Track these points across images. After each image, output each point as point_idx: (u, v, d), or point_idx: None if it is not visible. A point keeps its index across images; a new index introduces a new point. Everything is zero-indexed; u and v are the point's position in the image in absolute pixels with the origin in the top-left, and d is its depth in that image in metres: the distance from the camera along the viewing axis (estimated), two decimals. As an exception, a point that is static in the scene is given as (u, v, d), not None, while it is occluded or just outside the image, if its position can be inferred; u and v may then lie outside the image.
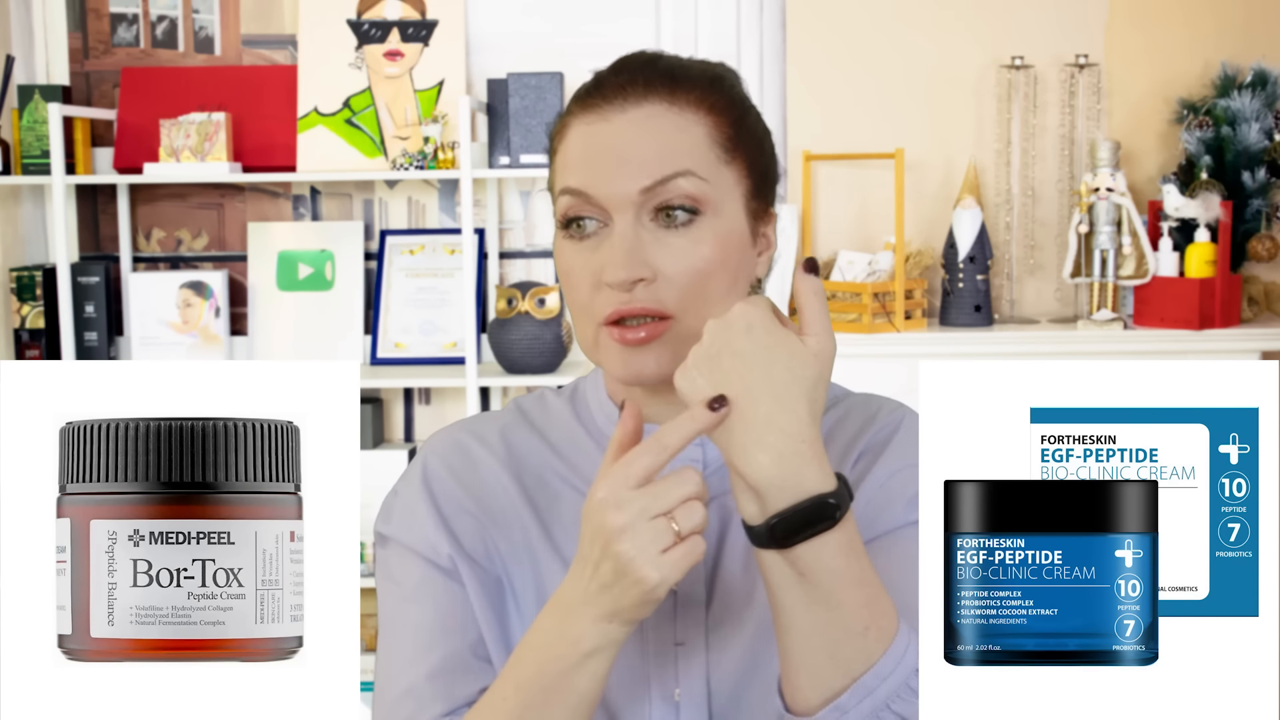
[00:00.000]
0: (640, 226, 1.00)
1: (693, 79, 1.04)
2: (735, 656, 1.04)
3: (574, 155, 1.03)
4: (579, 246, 1.03)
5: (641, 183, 1.00)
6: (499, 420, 1.14)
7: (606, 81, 1.04)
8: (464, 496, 1.09)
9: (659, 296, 1.00)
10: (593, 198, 1.01)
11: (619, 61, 1.06)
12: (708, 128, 1.02)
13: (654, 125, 1.01)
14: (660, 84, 1.03)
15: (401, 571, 1.07)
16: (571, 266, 1.03)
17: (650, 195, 1.00)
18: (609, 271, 0.99)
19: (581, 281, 1.02)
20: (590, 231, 1.02)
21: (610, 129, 1.02)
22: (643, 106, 1.02)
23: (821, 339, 0.89)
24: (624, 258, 0.99)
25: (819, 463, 0.86)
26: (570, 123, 1.05)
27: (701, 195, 1.01)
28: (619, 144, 1.01)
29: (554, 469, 1.10)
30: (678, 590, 1.05)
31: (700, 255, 1.00)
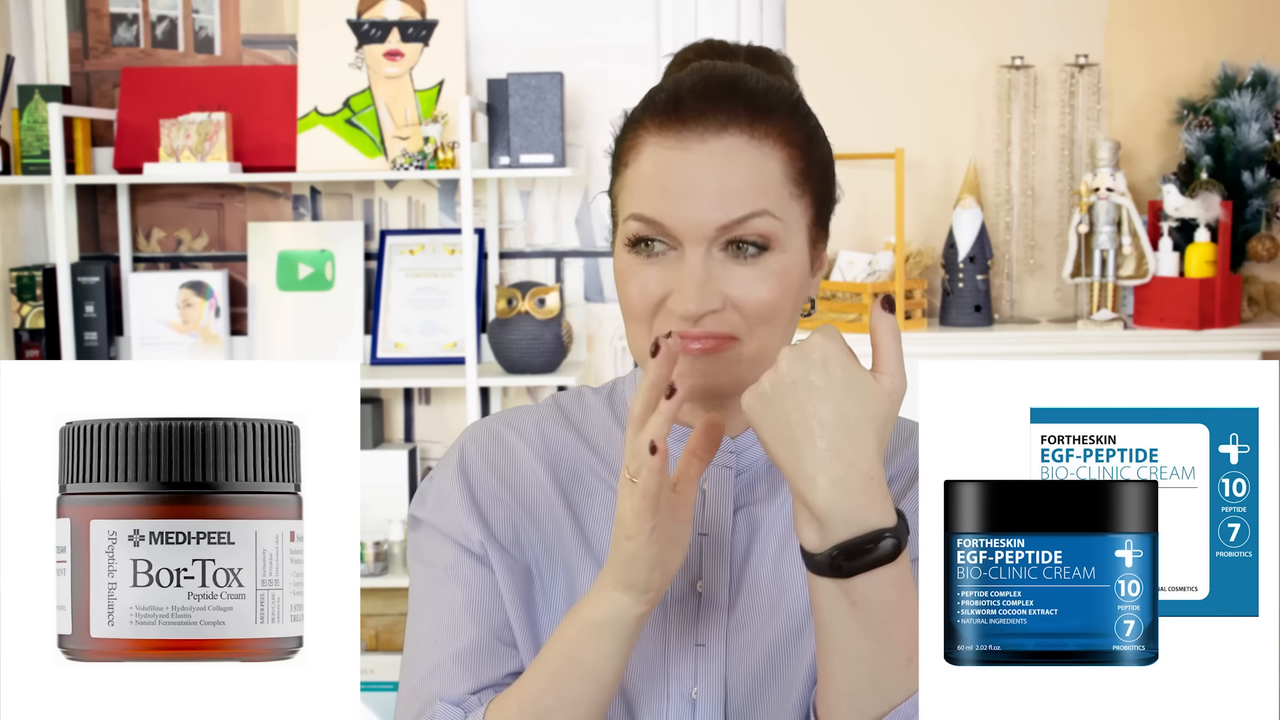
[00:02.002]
0: (711, 259, 1.00)
1: (774, 108, 1.03)
2: (754, 660, 1.06)
3: (648, 180, 1.02)
4: (646, 263, 1.02)
5: (718, 220, 1.00)
6: (536, 414, 1.16)
7: (687, 105, 1.02)
8: (499, 486, 1.11)
9: (724, 323, 1.01)
10: (667, 229, 1.01)
11: (700, 80, 1.03)
12: (783, 162, 1.02)
13: (734, 160, 1.00)
14: (743, 113, 1.01)
15: (433, 554, 1.09)
16: (636, 279, 1.03)
17: (725, 231, 1.00)
18: (679, 302, 1.00)
19: (647, 297, 1.02)
20: (658, 252, 1.02)
21: (689, 159, 1.00)
22: (723, 138, 1.00)
23: (895, 379, 0.91)
24: (696, 291, 0.99)
25: (883, 498, 0.89)
26: (645, 140, 1.03)
27: (773, 233, 1.01)
28: (698, 177, 1.00)
29: (589, 465, 1.12)
30: (702, 592, 1.07)
31: (767, 288, 1.01)
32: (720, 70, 1.05)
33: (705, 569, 1.08)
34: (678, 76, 1.06)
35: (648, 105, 1.05)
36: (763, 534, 1.09)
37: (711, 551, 1.08)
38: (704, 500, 1.09)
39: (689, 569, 1.07)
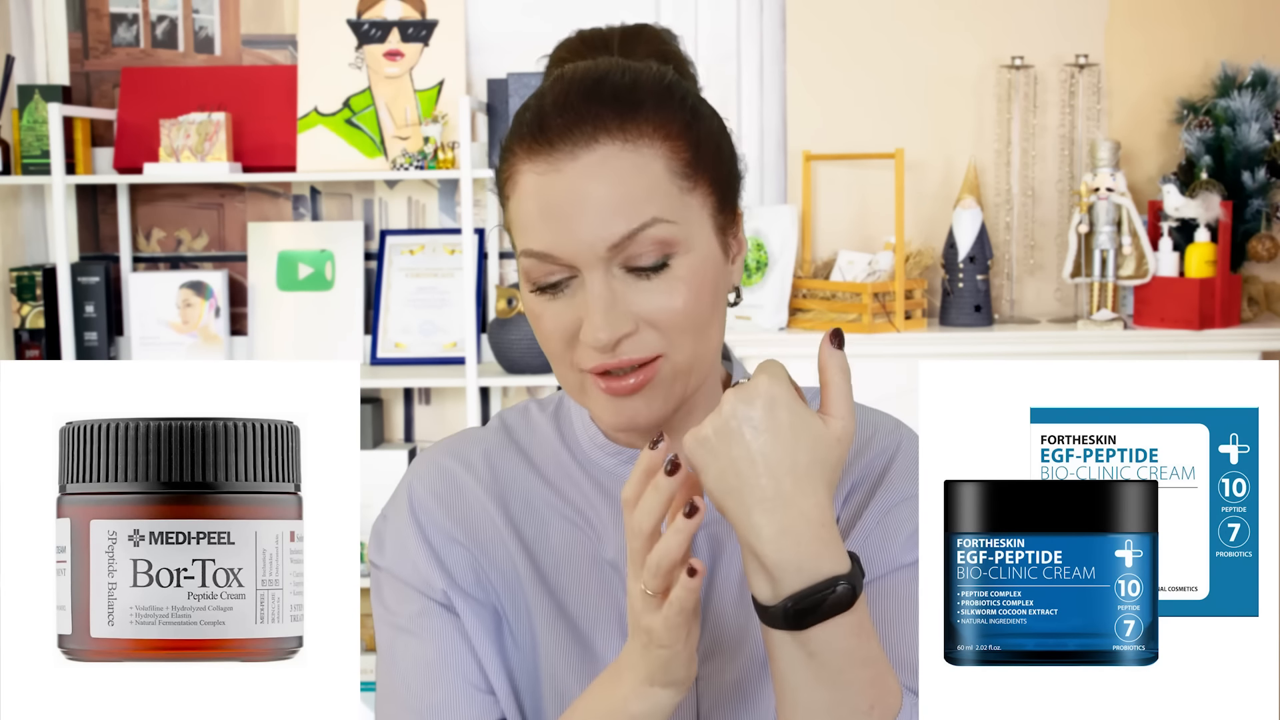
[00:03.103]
0: (612, 278, 0.95)
1: (641, 103, 0.96)
2: (725, 687, 1.03)
3: (529, 211, 0.96)
4: (549, 299, 0.97)
5: (608, 240, 0.94)
6: (484, 442, 1.10)
7: (551, 122, 0.96)
8: (452, 526, 1.06)
9: (644, 344, 0.96)
10: (557, 258, 0.95)
11: (561, 92, 0.97)
12: (665, 158, 0.96)
13: (610, 170, 0.94)
14: (610, 118, 0.95)
15: (396, 603, 1.06)
16: (542, 318, 0.98)
17: (618, 250, 0.94)
18: (589, 333, 0.95)
19: (556, 334, 0.97)
20: (562, 288, 0.97)
21: (564, 180, 0.94)
22: (594, 150, 0.94)
23: (846, 422, 0.86)
24: (604, 318, 0.94)
25: (835, 546, 0.84)
26: (518, 169, 0.98)
27: (671, 238, 0.95)
28: (576, 198, 0.94)
29: (541, 495, 1.07)
30: None
31: (679, 297, 0.96)
32: (580, 75, 0.99)
33: None
34: (540, 90, 1.00)
35: (515, 129, 0.99)
36: (726, 556, 1.04)
37: None
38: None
39: None
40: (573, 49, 1.07)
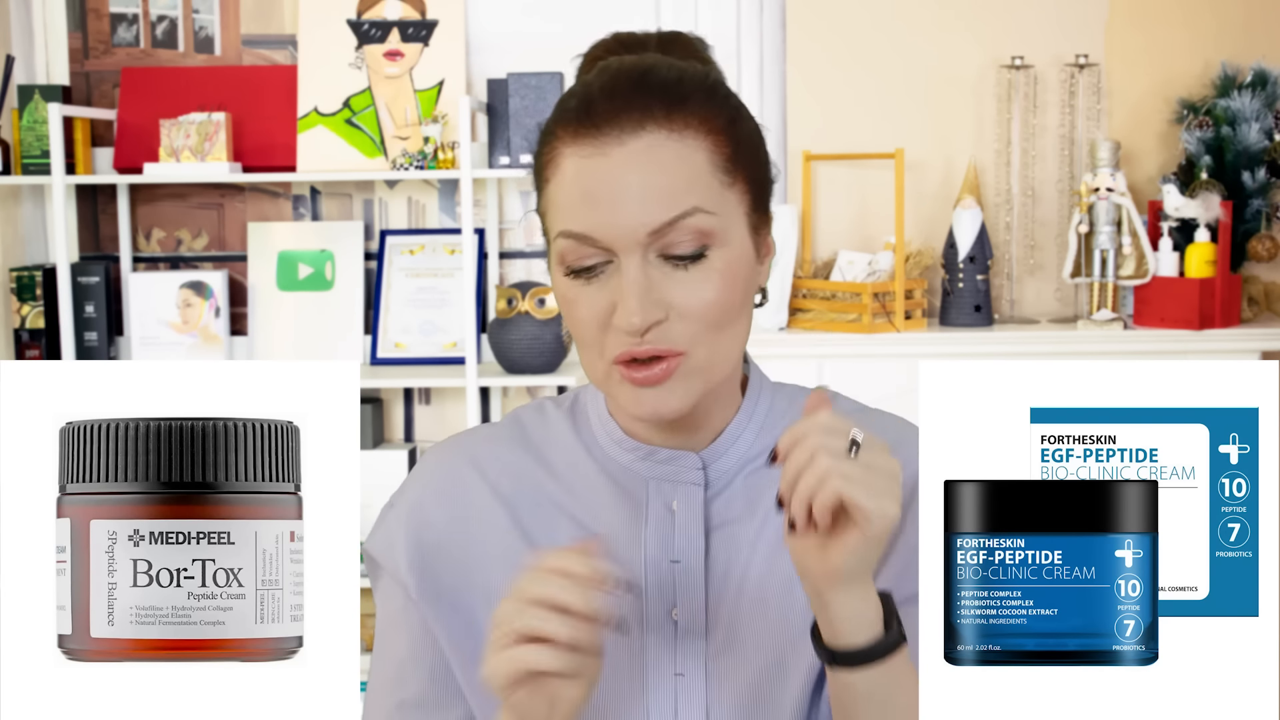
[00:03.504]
0: (648, 265, 0.96)
1: (689, 95, 0.98)
2: (738, 688, 1.03)
3: (570, 194, 0.97)
4: (584, 284, 0.98)
5: (649, 225, 0.95)
6: (497, 439, 1.11)
7: (599, 108, 0.97)
8: (451, 528, 1.07)
9: (671, 335, 0.97)
10: (597, 240, 0.96)
11: (609, 79, 0.99)
12: (708, 151, 0.97)
13: (655, 158, 0.96)
14: (657, 107, 0.97)
15: (384, 595, 1.09)
16: (577, 303, 0.99)
17: (658, 236, 0.96)
18: (622, 317, 0.96)
19: (589, 319, 0.98)
20: (597, 272, 0.98)
21: (608, 164, 0.96)
22: (641, 136, 0.96)
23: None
24: (637, 303, 0.95)
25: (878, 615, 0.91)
26: (560, 152, 0.98)
27: (710, 229, 0.97)
28: (620, 182, 0.95)
29: (551, 496, 1.08)
30: (678, 620, 1.04)
31: (712, 289, 0.97)
32: (628, 65, 1.00)
33: (680, 597, 1.04)
34: (586, 79, 1.02)
35: (560, 114, 1.00)
36: (743, 557, 1.05)
37: (685, 579, 1.04)
38: (674, 523, 1.05)
39: (664, 596, 1.04)
40: (609, 49, 1.08)
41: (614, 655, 1.03)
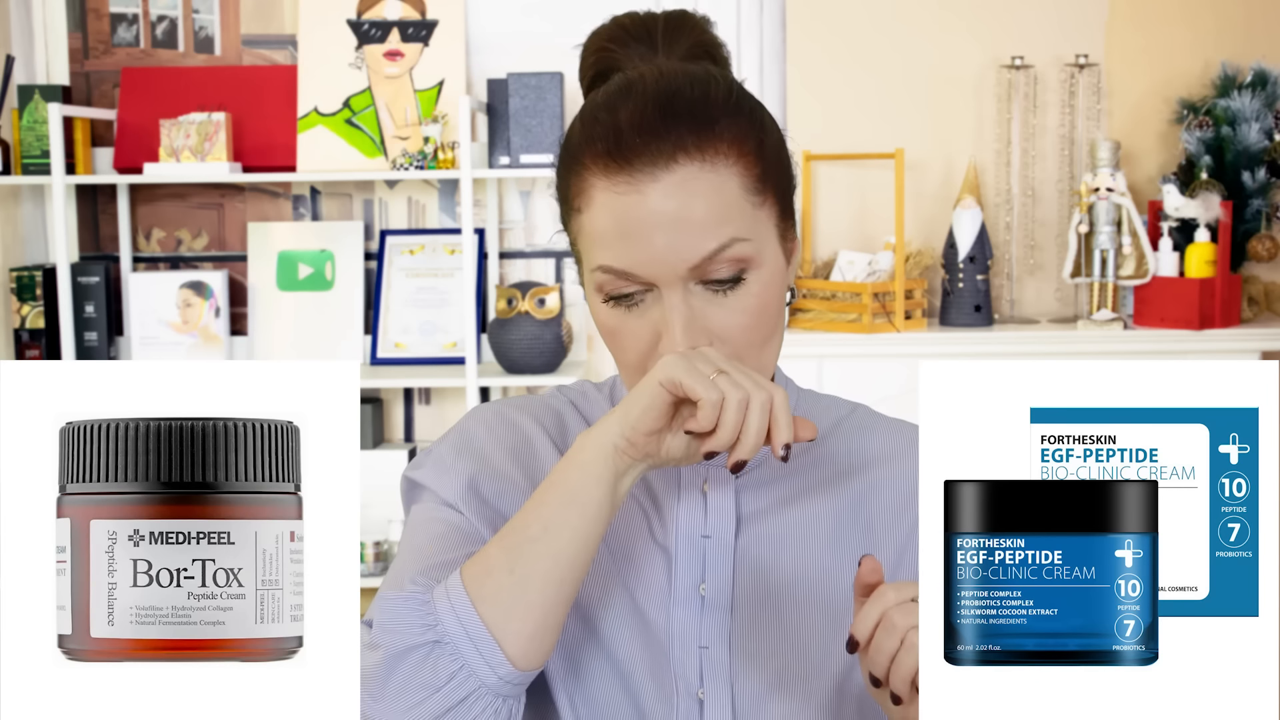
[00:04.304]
0: (689, 294, 0.98)
1: (716, 119, 0.98)
2: (762, 666, 1.05)
3: (607, 230, 0.98)
4: (625, 312, 1.00)
5: (689, 261, 0.97)
6: (550, 404, 1.15)
7: (629, 142, 0.97)
8: (506, 461, 1.09)
9: None
10: (638, 276, 0.98)
11: (636, 110, 0.98)
12: (740, 176, 0.98)
13: (690, 192, 0.96)
14: (688, 137, 0.97)
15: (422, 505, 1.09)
16: (619, 331, 1.01)
17: (698, 270, 0.98)
18: (668, 346, 0.98)
19: (632, 345, 1.01)
20: (637, 301, 1.00)
21: (645, 201, 0.96)
22: (674, 170, 0.96)
23: None
24: (682, 334, 0.97)
25: None
26: (591, 184, 0.99)
27: (747, 255, 0.98)
28: (657, 218, 0.96)
29: None
30: (705, 595, 1.06)
31: (751, 312, 0.99)
32: (652, 90, 0.99)
33: (709, 572, 1.07)
34: (609, 101, 1.01)
35: (587, 142, 1.00)
36: (774, 545, 1.08)
37: (715, 554, 1.07)
38: (705, 502, 1.08)
39: (692, 571, 1.06)
40: (613, 37, 1.08)
41: (640, 626, 1.05)
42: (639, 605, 1.06)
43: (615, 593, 1.07)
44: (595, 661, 1.06)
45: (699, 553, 1.07)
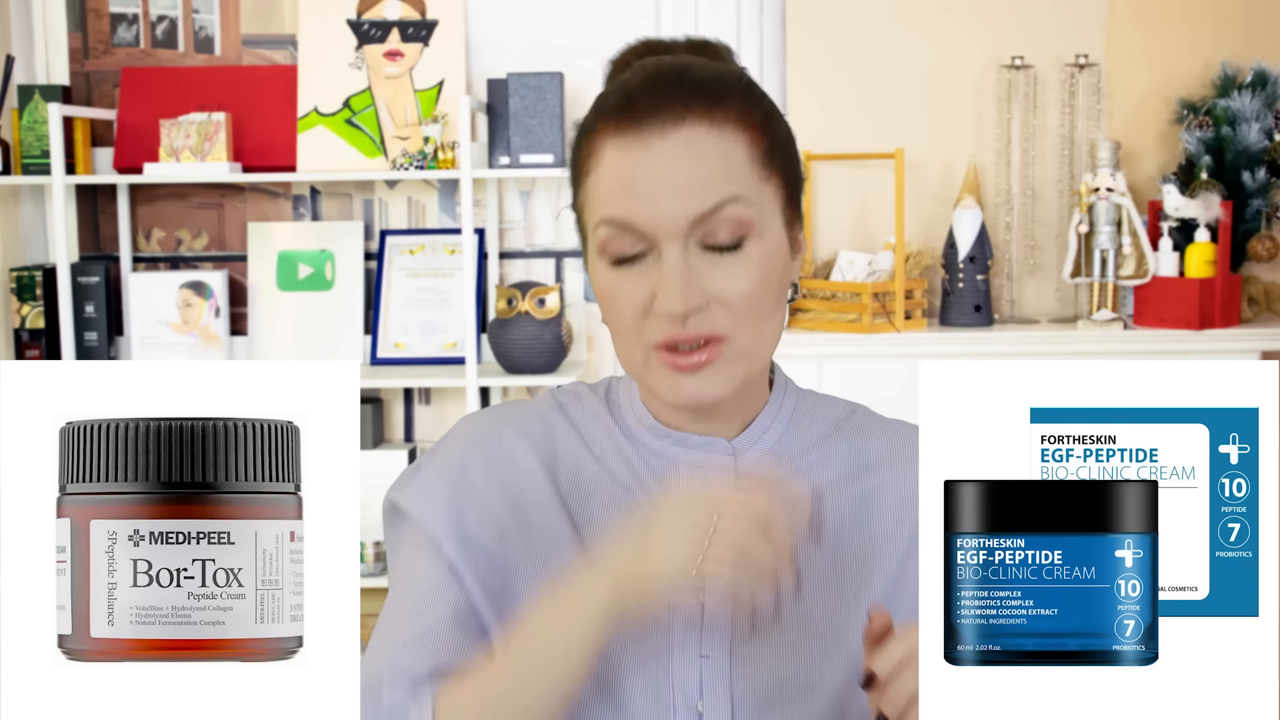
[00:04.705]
0: (689, 253, 0.99)
1: (727, 92, 1.02)
2: (763, 676, 1.05)
3: (613, 183, 1.00)
4: (625, 273, 1.01)
5: (691, 213, 0.98)
6: (540, 412, 1.13)
7: (639, 101, 1.00)
8: (494, 487, 1.07)
9: (713, 321, 1.00)
10: (639, 228, 0.99)
11: (648, 76, 1.02)
12: (746, 146, 1.01)
13: (697, 150, 0.99)
14: (698, 103, 1.00)
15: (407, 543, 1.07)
16: (616, 292, 1.01)
17: (699, 224, 0.99)
18: (663, 302, 0.98)
19: (629, 307, 1.01)
20: (637, 261, 1.00)
21: (651, 155, 0.99)
22: (681, 130, 0.99)
23: None
24: (679, 289, 0.98)
25: None
26: (602, 144, 1.02)
27: (748, 219, 1.00)
28: (663, 172, 0.99)
29: (590, 472, 1.09)
30: (705, 603, 1.05)
31: (750, 278, 1.00)
32: (666, 64, 1.04)
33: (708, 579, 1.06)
34: (624, 78, 1.04)
35: (600, 110, 1.03)
36: None
37: None
38: None
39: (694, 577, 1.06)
40: (639, 54, 1.11)
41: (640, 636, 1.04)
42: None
43: None
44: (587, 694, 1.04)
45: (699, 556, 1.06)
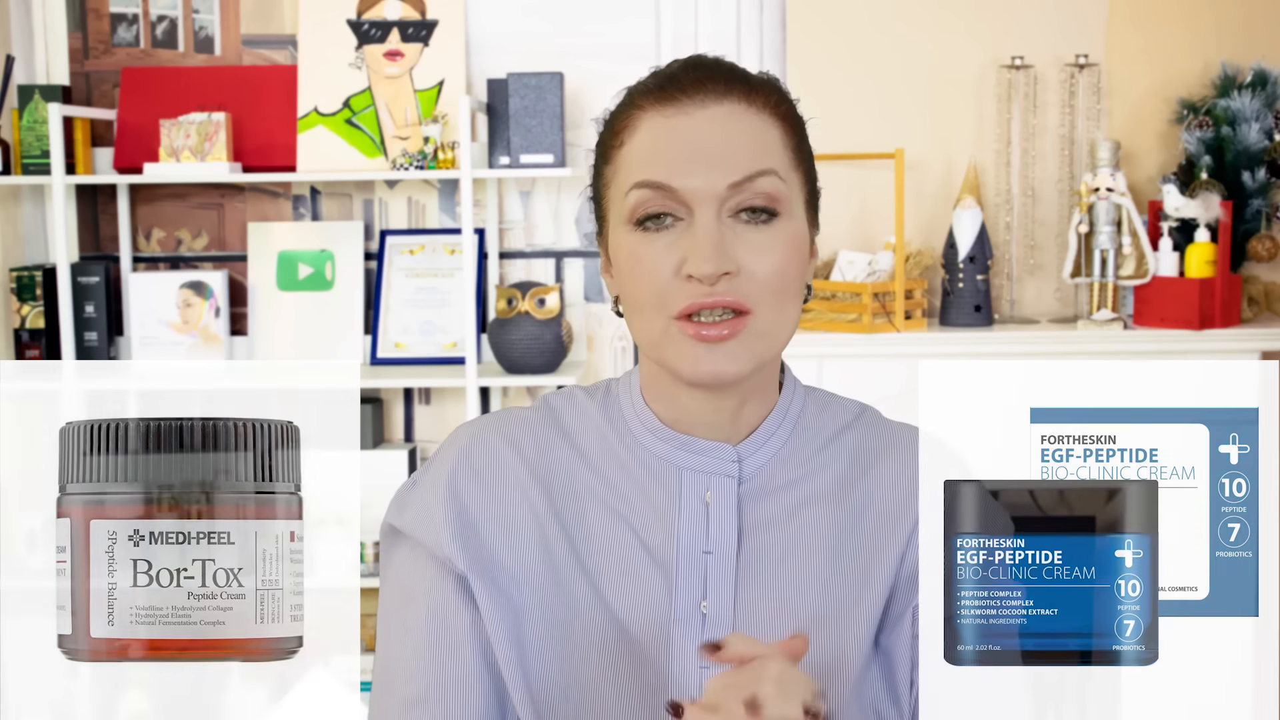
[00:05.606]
0: (721, 222, 1.01)
1: (764, 84, 1.06)
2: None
3: (650, 148, 1.03)
4: (654, 238, 1.02)
5: (729, 178, 1.01)
6: (530, 421, 1.11)
7: (681, 77, 1.04)
8: (487, 503, 1.07)
9: (740, 291, 1.01)
10: (676, 191, 1.01)
11: (688, 60, 1.06)
12: (781, 131, 1.05)
13: (736, 123, 1.02)
14: (737, 84, 1.04)
15: (411, 569, 1.06)
16: (644, 257, 1.02)
17: (735, 191, 1.01)
18: (694, 264, 0.99)
19: (657, 272, 1.01)
20: (667, 225, 1.02)
21: (692, 123, 1.02)
22: (723, 104, 1.03)
23: None
24: (711, 250, 0.99)
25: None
26: (640, 116, 1.04)
27: (781, 195, 1.03)
28: (703, 138, 1.01)
29: (584, 481, 1.08)
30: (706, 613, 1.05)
31: (780, 253, 1.02)
32: (700, 56, 1.08)
33: (710, 589, 1.05)
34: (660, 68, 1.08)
35: (638, 88, 1.06)
36: (774, 558, 1.06)
37: (717, 570, 1.05)
38: (708, 515, 1.06)
39: (694, 587, 1.05)
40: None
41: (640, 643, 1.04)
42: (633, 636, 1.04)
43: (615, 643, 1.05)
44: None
45: (700, 570, 1.05)
